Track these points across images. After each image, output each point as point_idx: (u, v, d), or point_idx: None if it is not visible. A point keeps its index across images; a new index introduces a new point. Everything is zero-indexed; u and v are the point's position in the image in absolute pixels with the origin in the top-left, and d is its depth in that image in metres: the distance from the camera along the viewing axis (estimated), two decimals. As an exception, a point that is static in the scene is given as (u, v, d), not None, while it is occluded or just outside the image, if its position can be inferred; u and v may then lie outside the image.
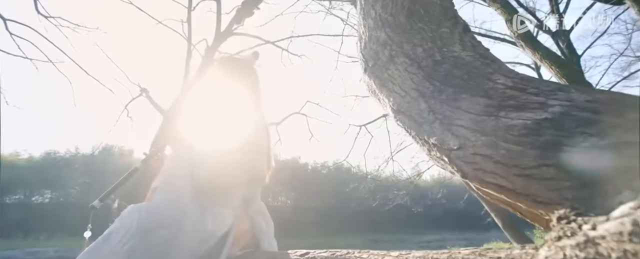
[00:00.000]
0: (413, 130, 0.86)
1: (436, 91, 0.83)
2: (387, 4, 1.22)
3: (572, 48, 7.78)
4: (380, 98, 1.05)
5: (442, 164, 0.78)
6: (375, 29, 1.19)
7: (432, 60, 0.92)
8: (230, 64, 1.65)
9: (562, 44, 7.33)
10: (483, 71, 0.81)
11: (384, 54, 1.08)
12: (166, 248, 1.11)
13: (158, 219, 1.15)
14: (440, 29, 1.04)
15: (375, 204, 9.94)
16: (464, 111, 0.73)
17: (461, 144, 0.68)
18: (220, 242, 1.24)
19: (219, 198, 1.28)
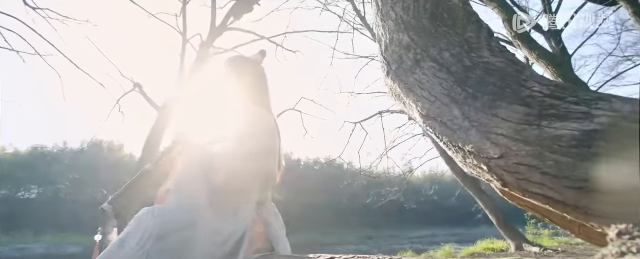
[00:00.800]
0: (445, 137, 0.86)
1: (470, 97, 0.83)
2: (408, 6, 1.21)
3: (564, 48, 7.90)
4: (405, 102, 1.05)
5: (478, 172, 0.77)
6: (397, 32, 1.18)
7: (463, 66, 0.92)
8: (239, 63, 1.62)
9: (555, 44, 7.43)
10: (517, 78, 0.81)
11: (408, 58, 1.07)
12: (182, 251, 1.10)
13: (174, 223, 1.13)
14: (466, 34, 1.04)
15: (369, 201, 9.99)
16: (503, 119, 0.73)
17: (503, 153, 0.68)
18: (237, 245, 1.23)
19: (234, 201, 1.26)
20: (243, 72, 1.59)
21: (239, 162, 1.28)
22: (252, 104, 1.56)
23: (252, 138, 1.34)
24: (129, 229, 1.14)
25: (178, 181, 1.28)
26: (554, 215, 0.83)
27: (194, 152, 1.35)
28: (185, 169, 1.29)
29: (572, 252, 4.46)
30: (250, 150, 1.32)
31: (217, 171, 1.26)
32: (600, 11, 7.73)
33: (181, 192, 1.24)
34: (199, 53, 7.36)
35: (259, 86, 1.60)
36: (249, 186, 1.32)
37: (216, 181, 1.25)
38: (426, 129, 0.95)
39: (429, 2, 1.17)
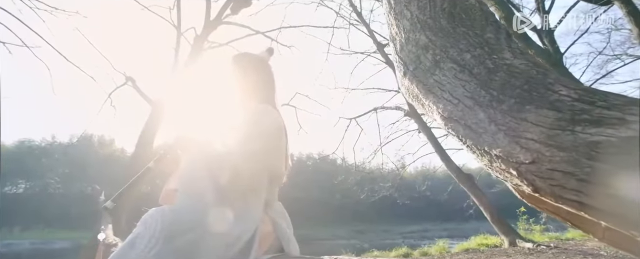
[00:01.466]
0: (470, 139, 0.85)
1: (495, 100, 0.82)
2: (424, 5, 1.19)
3: (557, 46, 8.00)
4: (424, 104, 1.04)
5: (506, 176, 0.77)
6: (412, 31, 1.16)
7: (485, 68, 0.91)
8: (246, 60, 1.59)
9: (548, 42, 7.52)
10: (543, 81, 0.81)
11: (426, 58, 1.06)
12: (192, 252, 1.08)
13: (182, 224, 1.11)
14: (485, 35, 1.03)
15: (363, 196, 10.04)
16: (532, 123, 0.72)
17: (534, 159, 0.68)
18: (247, 246, 1.21)
19: (241, 200, 1.24)
20: (250, 69, 1.56)
21: (245, 161, 1.25)
22: (259, 101, 1.53)
23: (258, 136, 1.32)
24: (138, 231, 1.12)
25: (184, 180, 1.26)
26: (577, 218, 0.83)
27: (199, 151, 1.33)
28: (190, 169, 1.26)
29: (563, 248, 4.55)
30: (256, 148, 1.29)
31: (223, 170, 1.24)
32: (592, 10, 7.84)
33: (188, 192, 1.22)
34: (194, 47, 7.26)
35: (266, 84, 1.57)
36: (256, 185, 1.30)
37: (222, 181, 1.23)
38: (449, 131, 0.95)
39: (446, 2, 1.16)
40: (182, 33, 7.48)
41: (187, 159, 1.31)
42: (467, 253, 4.82)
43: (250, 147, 1.27)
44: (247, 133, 1.31)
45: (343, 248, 9.75)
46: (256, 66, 1.59)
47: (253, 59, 1.61)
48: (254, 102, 1.53)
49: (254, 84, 1.54)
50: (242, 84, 1.55)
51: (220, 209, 1.20)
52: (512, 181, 0.77)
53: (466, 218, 15.80)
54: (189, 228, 1.12)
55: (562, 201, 0.65)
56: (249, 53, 1.65)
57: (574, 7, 8.02)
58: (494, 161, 0.79)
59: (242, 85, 1.55)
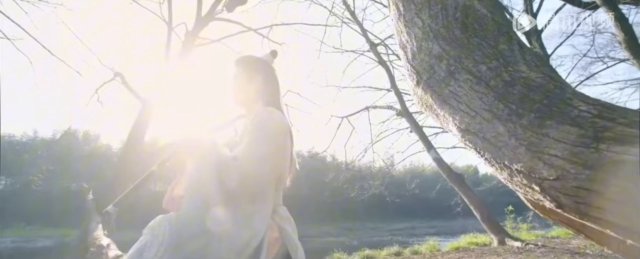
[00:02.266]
0: (488, 153, 0.86)
1: (514, 114, 0.83)
2: (436, 14, 1.19)
3: (544, 48, 8.16)
4: (439, 114, 1.04)
5: (528, 191, 0.78)
6: (425, 40, 1.16)
7: (502, 80, 0.92)
8: (250, 62, 1.58)
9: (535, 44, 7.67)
10: (561, 96, 0.82)
11: (440, 68, 1.06)
12: (204, 256, 1.07)
13: (189, 231, 1.10)
14: (499, 46, 1.03)
15: (353, 194, 10.08)
16: (555, 139, 0.73)
17: (559, 176, 0.69)
18: (256, 252, 1.20)
19: (251, 206, 1.23)
20: (254, 72, 1.55)
21: (254, 165, 1.24)
22: (264, 104, 1.52)
23: (265, 141, 1.31)
24: (145, 239, 1.10)
25: (191, 185, 1.24)
26: (591, 231, 0.85)
27: (206, 155, 1.31)
28: (197, 173, 1.24)
29: (551, 246, 4.66)
30: (264, 154, 1.28)
31: (231, 175, 1.22)
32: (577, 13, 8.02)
33: (195, 198, 1.20)
34: (185, 43, 7.14)
35: (270, 86, 1.56)
36: (264, 190, 1.29)
37: (230, 186, 1.21)
38: (465, 144, 0.95)
39: (459, 11, 1.16)
40: (173, 28, 7.34)
41: (194, 164, 1.29)
42: (458, 251, 4.88)
43: (258, 153, 1.26)
44: (255, 138, 1.30)
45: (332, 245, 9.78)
46: (261, 68, 1.57)
47: (258, 61, 1.59)
48: (259, 104, 1.52)
49: (259, 86, 1.53)
50: (247, 87, 1.53)
51: (227, 215, 1.19)
52: (533, 196, 0.78)
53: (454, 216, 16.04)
54: (198, 235, 1.11)
55: (588, 219, 0.66)
56: (253, 56, 1.64)
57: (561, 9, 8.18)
58: (514, 176, 0.79)
59: (247, 88, 1.53)
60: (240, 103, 1.53)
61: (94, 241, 3.30)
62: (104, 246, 3.10)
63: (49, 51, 6.39)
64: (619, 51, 10.43)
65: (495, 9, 1.21)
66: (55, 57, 6.39)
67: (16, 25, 6.01)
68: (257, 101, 1.52)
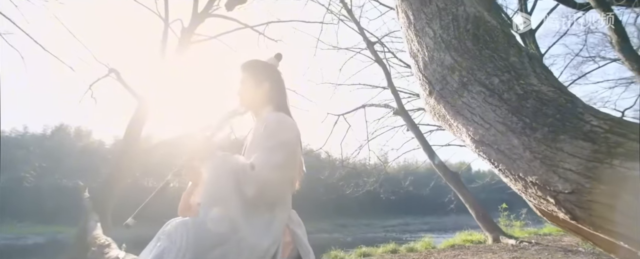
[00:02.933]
0: (503, 164, 0.90)
1: (528, 128, 0.87)
2: (447, 25, 1.22)
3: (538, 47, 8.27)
4: (452, 124, 1.08)
5: (542, 202, 0.82)
6: (437, 51, 1.19)
7: (515, 93, 0.95)
8: (257, 67, 1.60)
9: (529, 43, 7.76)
10: (573, 110, 0.86)
11: (453, 79, 1.10)
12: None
13: (209, 239, 1.12)
14: (510, 58, 1.07)
15: (349, 191, 10.15)
16: (569, 154, 0.77)
17: (574, 189, 0.72)
18: (276, 257, 1.23)
19: (269, 213, 1.26)
20: (262, 76, 1.57)
21: (272, 174, 1.27)
22: (272, 108, 1.55)
23: (281, 148, 1.33)
24: (164, 245, 1.12)
25: (209, 194, 1.25)
26: (599, 239, 0.89)
27: (222, 163, 1.33)
28: (215, 182, 1.26)
29: (545, 244, 4.77)
30: (281, 160, 1.31)
31: (249, 184, 1.24)
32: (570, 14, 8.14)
33: (213, 206, 1.22)
34: (181, 40, 7.10)
35: (278, 90, 1.58)
36: (282, 197, 1.32)
37: (249, 195, 1.23)
38: (479, 154, 0.99)
39: (470, 23, 1.19)
40: (169, 25, 7.29)
41: (211, 173, 1.31)
42: (453, 249, 4.97)
43: (275, 161, 1.28)
44: (270, 146, 1.32)
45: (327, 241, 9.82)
46: (268, 73, 1.59)
47: (264, 66, 1.61)
48: (267, 109, 1.54)
49: (266, 91, 1.55)
50: (255, 92, 1.55)
51: (246, 223, 1.21)
52: (546, 207, 0.82)
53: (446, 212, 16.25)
54: (218, 243, 1.13)
55: (601, 231, 0.70)
56: (260, 60, 1.66)
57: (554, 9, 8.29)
58: (529, 187, 0.83)
59: (255, 93, 1.55)
60: (249, 107, 1.56)
61: (95, 241, 3.31)
62: (105, 245, 3.11)
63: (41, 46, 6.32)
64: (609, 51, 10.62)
65: (503, 20, 1.25)
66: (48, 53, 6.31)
67: (7, 19, 5.90)
68: (266, 105, 1.54)
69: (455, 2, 1.28)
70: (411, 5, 1.41)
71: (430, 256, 4.38)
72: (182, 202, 1.48)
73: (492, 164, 0.94)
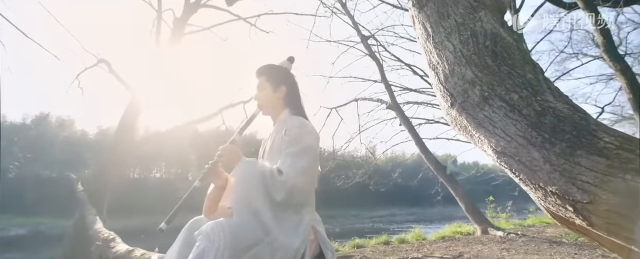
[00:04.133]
0: (523, 174, 1.00)
1: (547, 142, 0.97)
2: (466, 40, 1.31)
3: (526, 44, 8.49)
4: (474, 135, 1.17)
5: (559, 209, 0.93)
6: (457, 65, 1.28)
7: (533, 109, 1.05)
8: (274, 72, 1.67)
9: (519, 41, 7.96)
10: (587, 127, 0.96)
11: (474, 93, 1.19)
12: None
13: (244, 241, 1.20)
14: (526, 75, 1.17)
15: (340, 183, 10.32)
16: (586, 168, 0.88)
17: (592, 200, 0.83)
18: (304, 257, 1.33)
19: (297, 215, 1.35)
20: (279, 81, 1.64)
21: (299, 178, 1.35)
22: (290, 111, 1.63)
23: (306, 152, 1.42)
24: (202, 246, 1.19)
25: (239, 198, 1.33)
26: (605, 240, 1.02)
27: (250, 168, 1.40)
28: (244, 186, 1.33)
29: (531, 236, 5.01)
30: (307, 165, 1.39)
31: (278, 189, 1.33)
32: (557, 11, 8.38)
33: (244, 209, 1.29)
34: (174, 30, 7.02)
35: (294, 94, 1.66)
36: (308, 199, 1.41)
37: (278, 198, 1.32)
38: (501, 164, 1.09)
39: (488, 39, 1.28)
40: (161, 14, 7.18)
41: (239, 179, 1.38)
42: (444, 240, 5.17)
43: (301, 165, 1.37)
44: (296, 152, 1.41)
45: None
46: (284, 77, 1.67)
47: (280, 71, 1.68)
48: (285, 112, 1.62)
49: (284, 95, 1.63)
50: (273, 97, 1.62)
51: (276, 225, 1.30)
52: (564, 214, 0.93)
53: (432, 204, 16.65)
54: (251, 245, 1.21)
55: (615, 236, 0.81)
56: (275, 65, 1.72)
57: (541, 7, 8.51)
58: (549, 196, 0.94)
59: (272, 98, 1.62)
60: (267, 111, 1.63)
61: (98, 235, 3.33)
62: (109, 239, 3.14)
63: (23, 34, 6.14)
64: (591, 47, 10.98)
65: (517, 35, 1.35)
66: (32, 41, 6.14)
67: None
68: (283, 108, 1.63)
69: (472, 17, 1.37)
70: (429, 18, 1.49)
71: (422, 248, 4.56)
72: (206, 204, 1.55)
73: (512, 174, 1.05)
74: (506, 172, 1.15)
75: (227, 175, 1.54)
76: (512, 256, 3.47)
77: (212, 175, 1.52)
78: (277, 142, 1.55)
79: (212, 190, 1.58)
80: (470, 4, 1.43)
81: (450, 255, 3.69)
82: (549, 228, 6.13)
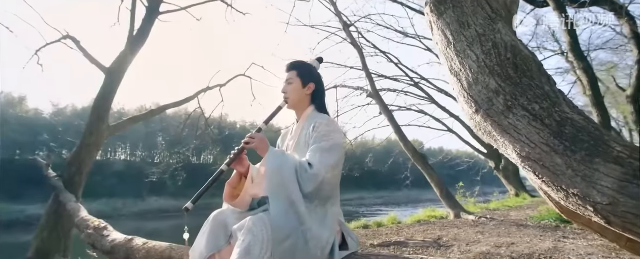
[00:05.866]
0: (546, 177, 1.15)
1: (568, 150, 1.11)
2: (489, 51, 1.41)
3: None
4: (498, 141, 1.30)
5: (580, 209, 1.08)
6: (481, 74, 1.39)
7: (554, 120, 1.19)
8: (305, 69, 1.74)
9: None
10: (601, 138, 1.12)
11: (498, 102, 1.31)
12: (293, 255, 1.29)
13: (283, 231, 1.30)
14: (544, 87, 1.30)
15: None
16: (604, 174, 1.03)
17: (611, 202, 0.99)
18: (333, 249, 1.44)
19: (322, 208, 1.45)
20: (309, 78, 1.72)
21: (329, 173, 1.46)
22: (315, 108, 1.71)
23: (335, 149, 1.52)
24: (248, 240, 1.28)
25: (274, 189, 1.41)
26: (607, 231, 1.20)
27: (283, 159, 1.48)
28: (279, 176, 1.41)
29: (500, 220, 5.44)
30: (336, 161, 1.50)
31: (308, 182, 1.42)
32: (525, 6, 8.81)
33: (282, 199, 1.38)
34: (149, 9, 6.71)
35: (321, 93, 1.75)
36: (333, 193, 1.51)
37: (307, 190, 1.42)
38: (525, 168, 1.23)
39: (509, 52, 1.39)
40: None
41: (272, 167, 1.45)
42: (420, 224, 5.49)
43: (331, 161, 1.47)
44: (325, 147, 1.50)
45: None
46: (314, 76, 1.74)
47: (311, 68, 1.76)
48: (310, 109, 1.70)
49: (312, 93, 1.71)
50: (301, 93, 1.70)
51: (309, 216, 1.40)
52: (584, 213, 1.08)
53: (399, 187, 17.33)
54: (289, 235, 1.31)
55: (631, 233, 0.97)
56: (306, 63, 1.79)
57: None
58: (570, 197, 1.09)
59: (301, 93, 1.70)
60: (293, 106, 1.71)
61: (87, 223, 3.25)
62: (101, 227, 3.09)
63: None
64: (551, 43, 11.71)
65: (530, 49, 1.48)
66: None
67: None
68: (309, 105, 1.71)
69: (492, 29, 1.48)
70: (449, 26, 1.58)
71: (401, 231, 4.82)
72: (226, 190, 1.62)
73: (535, 176, 1.19)
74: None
75: (249, 163, 1.61)
76: (487, 238, 3.78)
77: (236, 161, 1.58)
78: (304, 137, 1.63)
79: (233, 176, 1.64)
80: (488, 15, 1.53)
81: (430, 238, 3.95)
82: (512, 211, 6.66)
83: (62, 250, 4.84)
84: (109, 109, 5.82)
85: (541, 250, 3.10)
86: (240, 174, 1.62)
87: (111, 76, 5.76)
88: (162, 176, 13.80)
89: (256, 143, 1.51)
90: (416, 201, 16.78)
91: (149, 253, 2.42)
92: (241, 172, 1.62)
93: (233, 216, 1.52)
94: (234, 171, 1.61)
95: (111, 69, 5.82)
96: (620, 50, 11.24)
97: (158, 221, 20.87)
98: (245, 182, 1.59)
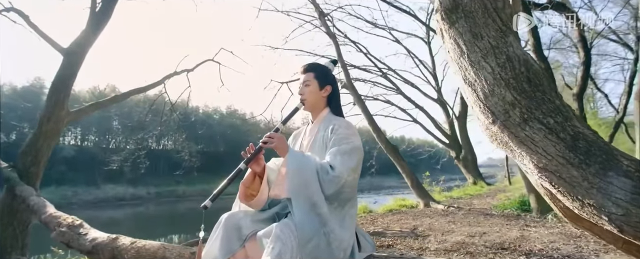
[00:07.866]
0: (563, 188, 1.24)
1: (583, 163, 1.21)
2: (503, 64, 1.47)
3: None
4: (515, 151, 1.38)
5: (594, 217, 1.19)
6: (497, 86, 1.44)
7: (568, 134, 1.28)
8: (322, 72, 1.75)
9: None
10: (611, 152, 1.22)
11: (515, 114, 1.38)
12: (316, 257, 1.32)
13: (307, 233, 1.34)
14: (556, 101, 1.39)
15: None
16: (618, 187, 1.13)
17: (625, 213, 1.10)
18: (353, 249, 1.49)
19: (340, 209, 1.49)
20: (326, 81, 1.73)
21: (349, 176, 1.50)
22: (332, 112, 1.74)
23: (354, 152, 1.55)
24: (278, 248, 1.30)
25: (297, 188, 1.42)
26: (605, 233, 1.33)
27: (305, 160, 1.49)
28: (301, 177, 1.42)
29: (467, 209, 5.78)
30: (355, 163, 1.54)
31: (329, 184, 1.45)
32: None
33: (304, 201, 1.40)
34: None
35: (337, 96, 1.77)
36: (352, 195, 1.55)
37: (327, 192, 1.45)
38: (541, 178, 1.32)
39: (522, 65, 1.46)
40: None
41: (293, 167, 1.45)
42: (393, 213, 5.70)
43: (351, 164, 1.50)
44: (345, 150, 1.53)
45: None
46: (330, 77, 1.76)
47: (328, 72, 1.77)
48: (325, 111, 1.72)
49: (328, 95, 1.73)
50: (318, 95, 1.71)
51: (331, 217, 1.43)
52: (598, 222, 1.19)
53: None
54: (312, 236, 1.34)
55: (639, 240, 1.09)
56: (323, 65, 1.79)
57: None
58: (585, 207, 1.20)
59: (317, 95, 1.71)
60: (309, 107, 1.72)
61: (59, 220, 3.04)
62: (76, 225, 2.91)
63: None
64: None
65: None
66: None
67: None
68: (325, 107, 1.73)
69: (505, 42, 1.54)
70: (462, 36, 1.62)
71: (376, 221, 4.99)
72: (240, 189, 1.61)
73: (551, 186, 1.29)
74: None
75: (265, 163, 1.60)
76: (459, 228, 4.02)
77: (253, 160, 1.57)
78: (320, 138, 1.64)
79: (247, 175, 1.63)
80: (499, 27, 1.59)
81: (407, 228, 4.13)
82: (474, 199, 7.11)
83: (20, 248, 4.50)
84: (68, 94, 5.38)
85: (511, 239, 3.35)
86: (255, 174, 1.61)
87: (69, 58, 5.30)
88: (123, 163, 13.09)
89: (275, 143, 1.50)
90: (378, 188, 17.35)
91: (138, 253, 2.33)
92: (256, 172, 1.61)
93: (246, 218, 1.51)
94: (247, 169, 1.59)
95: (69, 50, 5.36)
96: (567, 51, 12.15)
97: (114, 209, 19.89)
98: (258, 181, 1.59)
